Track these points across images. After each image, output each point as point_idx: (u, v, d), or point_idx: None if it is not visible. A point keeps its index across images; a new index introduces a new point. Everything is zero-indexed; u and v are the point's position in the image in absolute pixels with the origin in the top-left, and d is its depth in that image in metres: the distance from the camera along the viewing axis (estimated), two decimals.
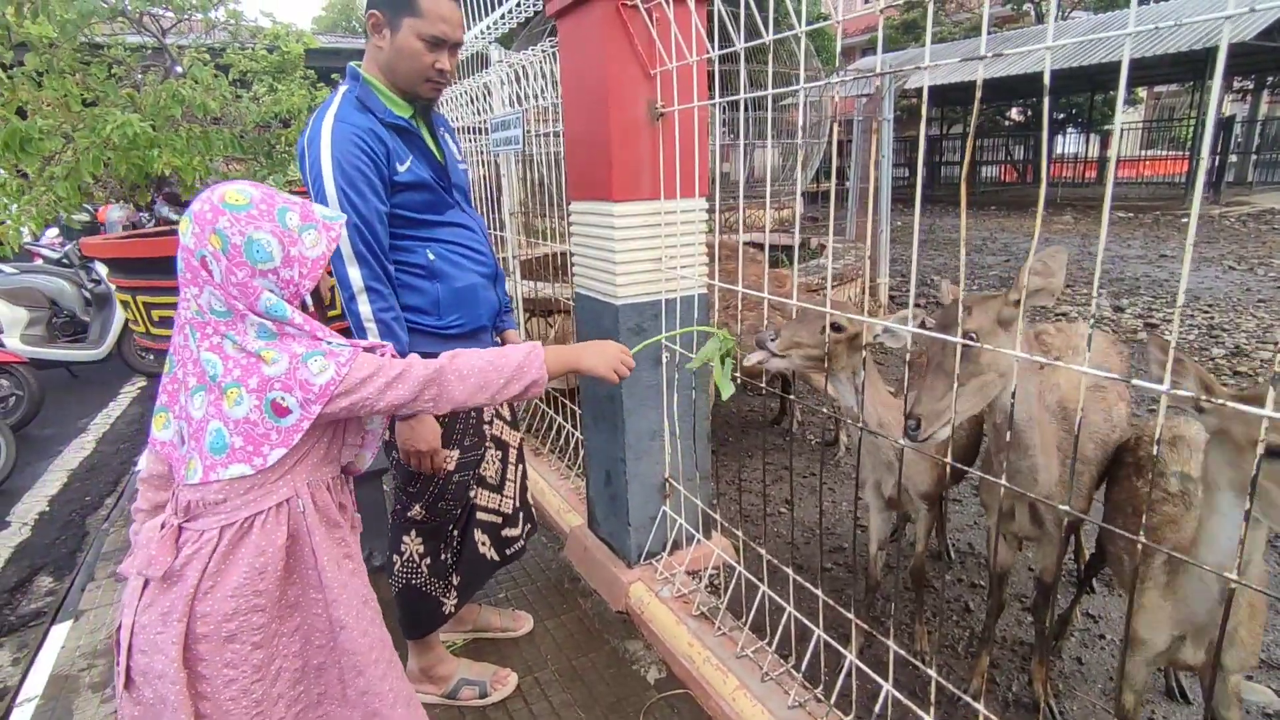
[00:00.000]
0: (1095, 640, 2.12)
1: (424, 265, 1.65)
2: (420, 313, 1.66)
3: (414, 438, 1.63)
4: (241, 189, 1.09)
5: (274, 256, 1.06)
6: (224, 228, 1.04)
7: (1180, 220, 11.62)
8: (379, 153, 1.53)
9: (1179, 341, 4.91)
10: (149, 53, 2.42)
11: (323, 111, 1.52)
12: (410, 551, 1.81)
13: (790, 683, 1.80)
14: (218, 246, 1.03)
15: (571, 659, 2.12)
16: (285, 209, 1.09)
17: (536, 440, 3.41)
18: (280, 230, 1.07)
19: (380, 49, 1.58)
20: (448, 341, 1.68)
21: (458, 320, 1.70)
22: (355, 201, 1.49)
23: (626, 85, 2.01)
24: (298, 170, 1.56)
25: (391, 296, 1.57)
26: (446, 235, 1.69)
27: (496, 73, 3.38)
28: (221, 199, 1.06)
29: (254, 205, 1.06)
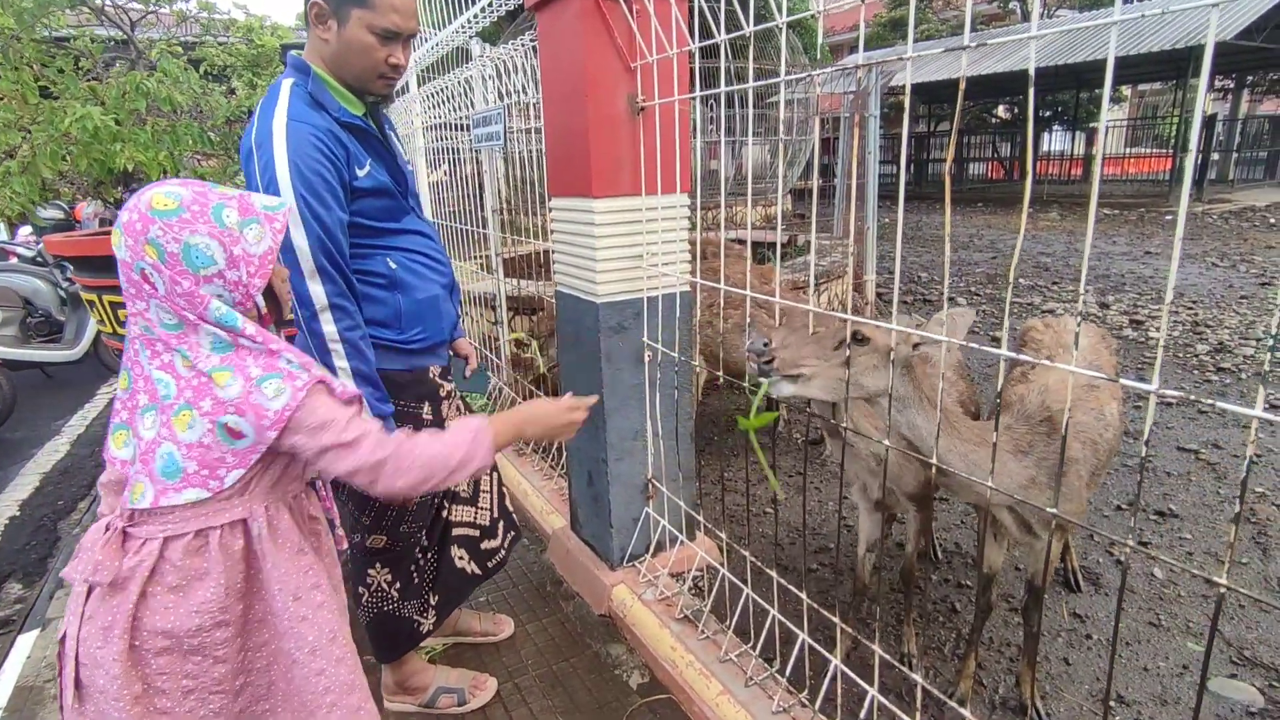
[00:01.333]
0: (1082, 641, 2.10)
1: (384, 274, 1.55)
2: (381, 326, 1.55)
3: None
4: (169, 191, 1.02)
5: (216, 260, 0.99)
6: (157, 236, 0.96)
7: (1164, 217, 11.71)
8: (339, 156, 1.42)
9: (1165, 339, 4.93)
10: (115, 45, 2.35)
11: (270, 107, 1.39)
12: (377, 582, 1.73)
13: (775, 687, 1.76)
14: (154, 257, 0.97)
15: (552, 664, 2.08)
16: (221, 206, 1.02)
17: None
18: (219, 230, 1.00)
19: (325, 42, 1.44)
20: (409, 356, 1.61)
21: (420, 334, 1.61)
22: (318, 210, 1.37)
23: (606, 79, 1.97)
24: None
25: (357, 313, 1.46)
26: (406, 243, 1.60)
27: (478, 68, 3.33)
28: (149, 205, 0.99)
29: (185, 208, 0.99)
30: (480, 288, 4.04)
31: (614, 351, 2.13)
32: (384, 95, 1.55)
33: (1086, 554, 2.54)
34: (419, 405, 1.65)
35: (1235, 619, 2.16)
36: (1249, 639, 2.07)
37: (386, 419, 1.49)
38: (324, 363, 1.41)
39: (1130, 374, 4.43)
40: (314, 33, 1.46)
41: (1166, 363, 4.62)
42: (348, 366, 1.43)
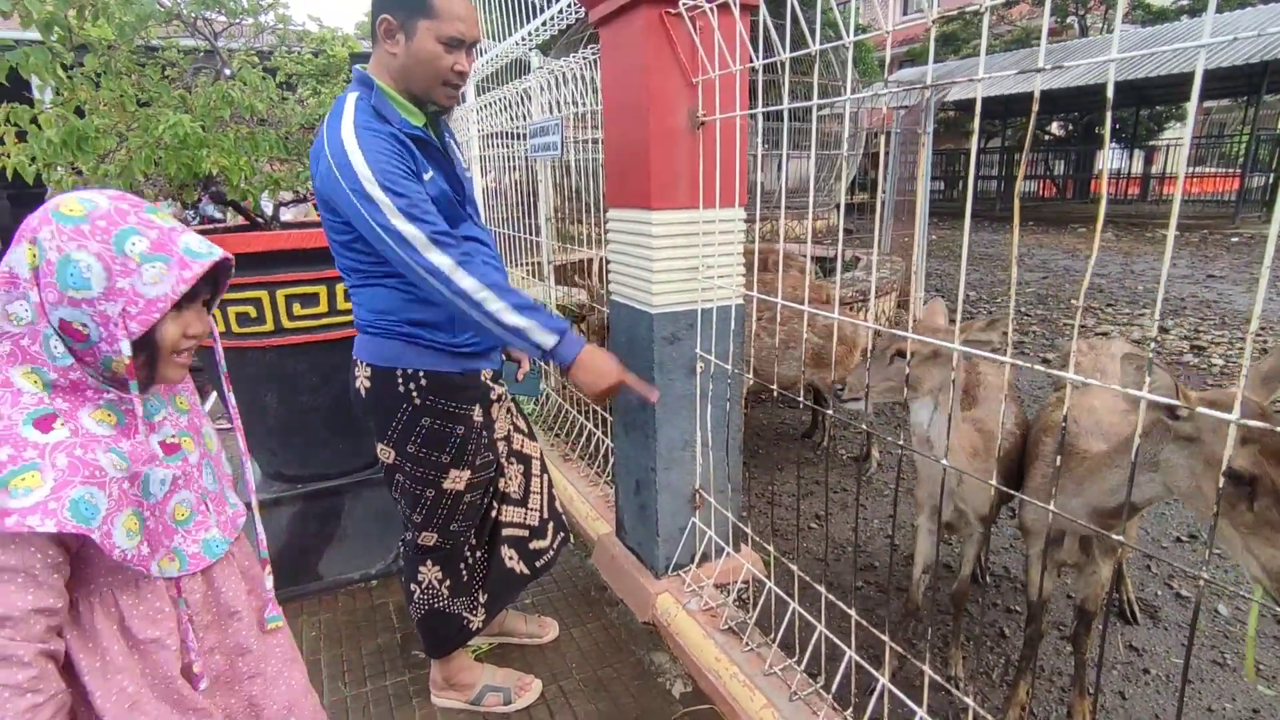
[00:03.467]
0: (1139, 675, 2.04)
1: None
2: (434, 329, 1.59)
3: (596, 379, 1.51)
4: (87, 198, 0.91)
5: (91, 284, 0.88)
6: (43, 239, 0.88)
7: (1230, 239, 11.28)
8: (407, 160, 1.47)
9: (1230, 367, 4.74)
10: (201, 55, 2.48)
11: (336, 120, 1.43)
12: (429, 579, 1.78)
13: (819, 703, 1.76)
14: (27, 261, 0.88)
15: (596, 669, 2.10)
16: (131, 231, 0.91)
17: (566, 446, 3.41)
18: (110, 254, 0.89)
19: (394, 55, 1.50)
20: (462, 359, 1.65)
21: (472, 337, 1.64)
22: (405, 191, 1.40)
23: (668, 93, 2.00)
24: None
25: (484, 266, 1.46)
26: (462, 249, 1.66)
27: (536, 79, 3.41)
28: (56, 206, 0.90)
29: (89, 219, 0.89)
30: (531, 294, 4.11)
31: (666, 361, 2.16)
32: (448, 104, 1.59)
33: (1144, 586, 2.47)
34: (470, 408, 1.69)
35: None
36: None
37: (566, 332, 1.49)
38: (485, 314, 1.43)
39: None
40: (382, 48, 1.52)
41: None
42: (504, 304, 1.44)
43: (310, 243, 2.12)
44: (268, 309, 2.13)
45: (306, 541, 2.45)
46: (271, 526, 2.38)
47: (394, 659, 2.15)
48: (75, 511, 0.88)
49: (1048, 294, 7.68)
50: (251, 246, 2.06)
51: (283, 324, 2.16)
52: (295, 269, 2.13)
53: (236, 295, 2.11)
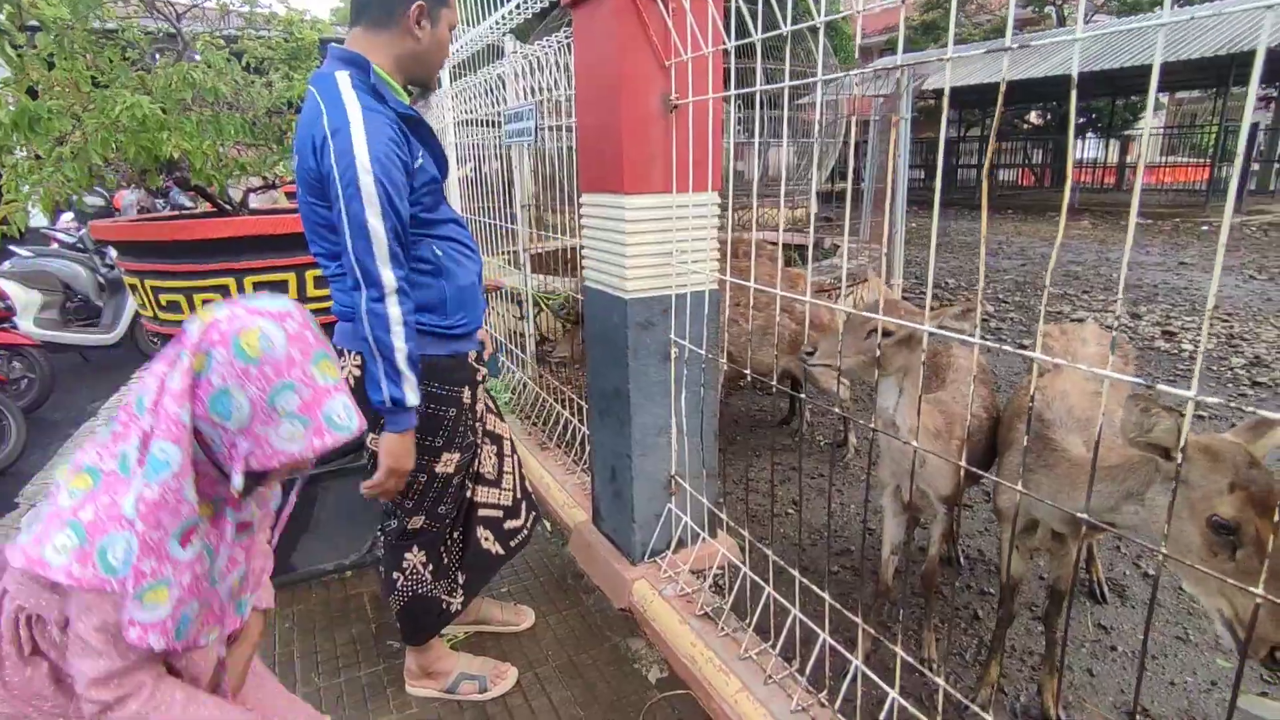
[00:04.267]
0: (1107, 652, 2.07)
1: (431, 261, 1.57)
2: (427, 311, 1.58)
3: (406, 455, 1.53)
4: (268, 336, 0.93)
5: (234, 420, 0.93)
6: (216, 360, 0.91)
7: (1200, 228, 11.46)
8: (404, 146, 1.46)
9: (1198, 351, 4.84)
10: (161, 36, 2.41)
11: (335, 96, 1.40)
12: (414, 564, 1.77)
13: (794, 687, 1.77)
14: (195, 368, 0.92)
15: (572, 655, 2.10)
16: (289, 387, 0.94)
17: (543, 434, 3.39)
18: (262, 402, 0.93)
19: (418, 40, 1.51)
20: (452, 341, 1.64)
21: (462, 320, 1.64)
22: (395, 200, 1.40)
23: (640, 76, 1.98)
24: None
25: (410, 300, 1.48)
26: (446, 232, 1.63)
27: (511, 64, 3.37)
28: (238, 333, 0.92)
29: (260, 364, 0.92)
30: (507, 283, 4.08)
31: (640, 348, 2.15)
32: (435, 86, 1.64)
33: (1112, 566, 2.51)
34: (460, 389, 1.68)
35: None
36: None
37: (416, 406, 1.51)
38: (379, 340, 1.43)
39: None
40: (405, 32, 1.51)
41: (1202, 376, 4.53)
42: (405, 349, 1.45)
43: (278, 228, 2.08)
44: (235, 296, 2.08)
45: (280, 533, 2.41)
46: None
47: (368, 649, 2.13)
48: (180, 630, 0.95)
49: (1026, 281, 7.76)
50: (218, 233, 2.02)
51: None
52: (263, 255, 2.09)
53: (203, 283, 2.06)
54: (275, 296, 1.02)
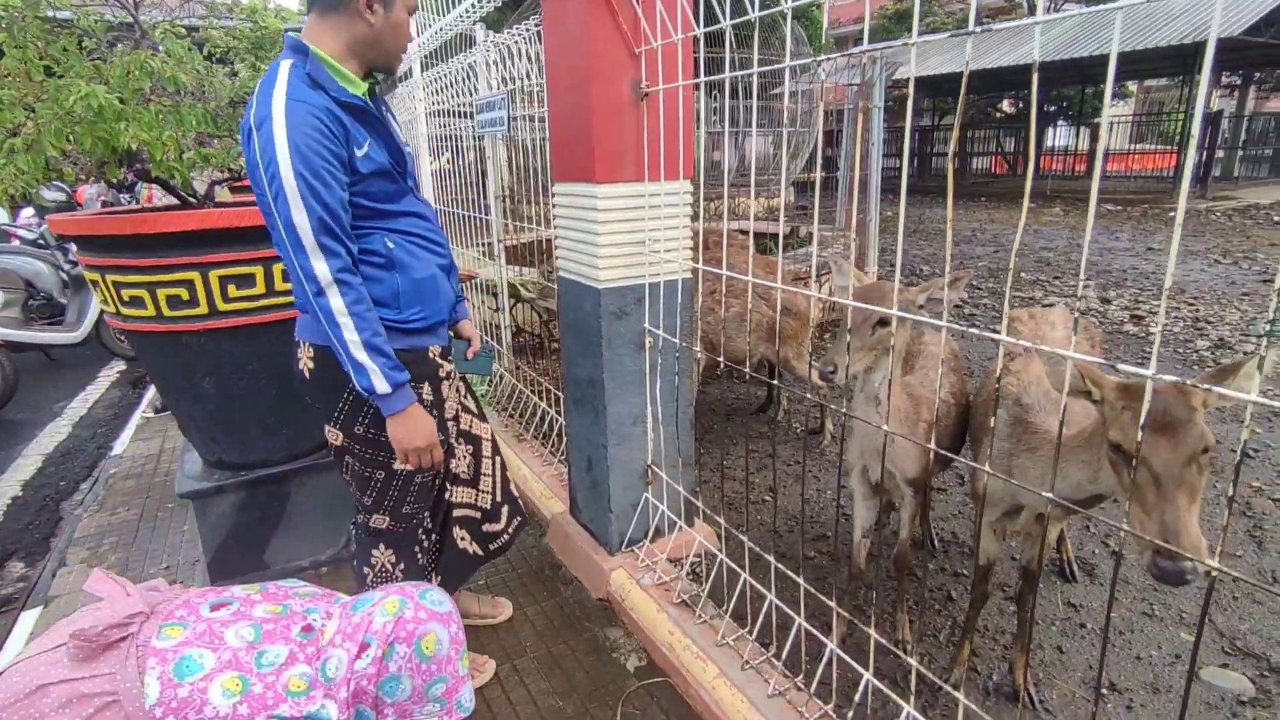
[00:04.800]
0: (1076, 629, 2.12)
1: (382, 254, 1.55)
2: (379, 305, 1.55)
3: (410, 435, 1.54)
4: (441, 640, 1.16)
5: (395, 698, 1.12)
6: (399, 654, 1.12)
7: (1168, 213, 11.68)
8: (339, 134, 1.43)
9: (1167, 335, 4.91)
10: (119, 25, 2.35)
11: (268, 88, 1.39)
12: (381, 562, 1.75)
13: (770, 671, 1.78)
14: (377, 653, 1.10)
15: (550, 646, 2.10)
16: (443, 680, 1.17)
17: (520, 426, 3.38)
18: (421, 689, 1.15)
19: (370, 26, 1.48)
20: (408, 336, 1.61)
21: (418, 314, 1.61)
22: (318, 190, 1.38)
23: (610, 64, 1.97)
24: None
25: (362, 288, 1.47)
26: (404, 225, 1.60)
27: (482, 54, 3.33)
28: (421, 637, 1.14)
29: (432, 661, 1.15)
30: (483, 274, 4.05)
31: (615, 337, 2.14)
32: (398, 69, 1.58)
33: (1082, 545, 2.56)
34: (419, 385, 1.66)
35: (1228, 610, 2.17)
36: (1241, 630, 2.09)
37: (403, 385, 1.51)
38: (332, 334, 1.43)
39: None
40: (355, 17, 1.48)
41: (1167, 358, 4.62)
42: (358, 339, 1.44)
43: (244, 221, 2.04)
44: (200, 291, 2.05)
45: (252, 530, 2.38)
46: (214, 516, 2.32)
47: None
48: None
49: (999, 268, 7.86)
50: (181, 226, 1.98)
51: (217, 306, 2.08)
52: (229, 249, 2.05)
53: (167, 277, 2.02)
54: (439, 592, 1.25)
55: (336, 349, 1.45)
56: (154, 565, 2.56)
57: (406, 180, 1.66)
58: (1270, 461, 3.13)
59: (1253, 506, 2.76)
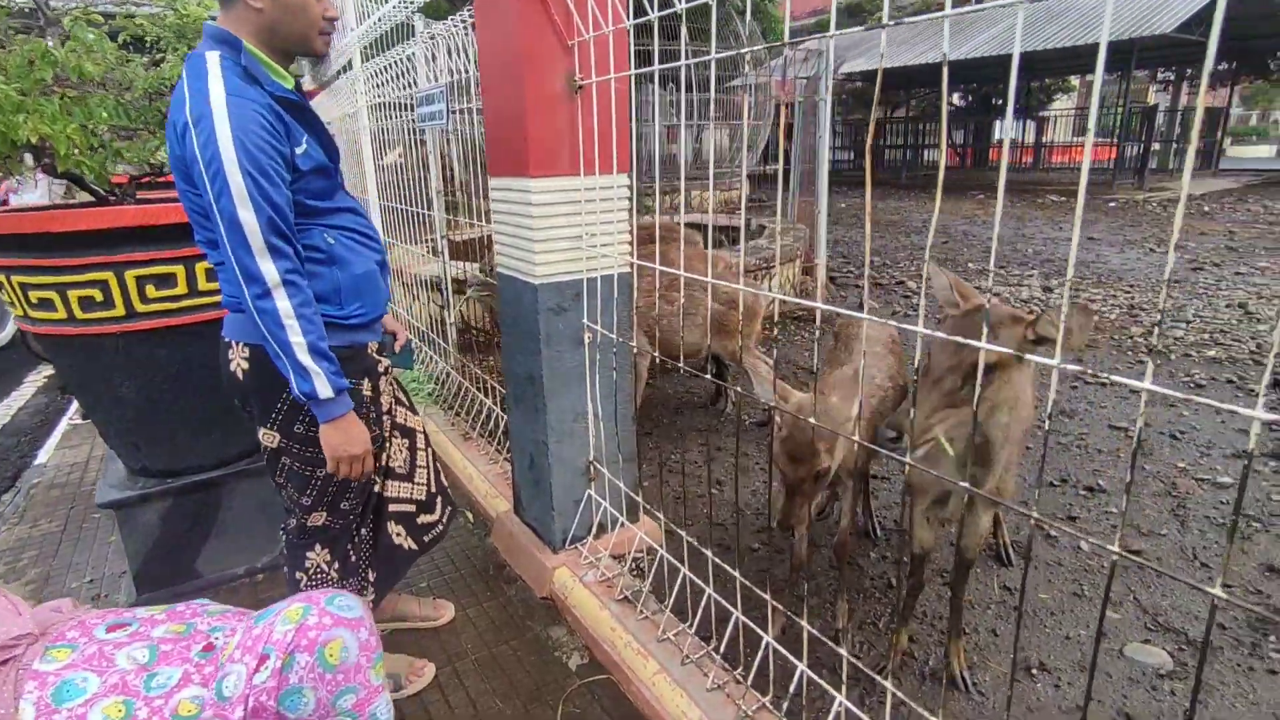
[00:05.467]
0: (1010, 613, 2.17)
1: (323, 250, 1.51)
2: (322, 301, 1.51)
3: (347, 442, 1.50)
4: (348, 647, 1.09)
5: (298, 713, 1.06)
6: (299, 664, 1.05)
7: (1107, 204, 12.07)
8: (281, 132, 1.38)
9: (1102, 321, 5.05)
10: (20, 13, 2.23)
11: (200, 82, 1.32)
12: (317, 563, 1.71)
13: (710, 665, 1.78)
14: (276, 664, 1.04)
15: (492, 647, 2.07)
16: (352, 690, 1.10)
17: (467, 424, 3.33)
18: (327, 702, 1.08)
19: (259, 11, 1.40)
20: (348, 332, 1.57)
21: (359, 309, 1.58)
22: (266, 189, 1.32)
23: (542, 56, 1.93)
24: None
25: (309, 289, 1.41)
26: (341, 220, 1.56)
27: (421, 44, 3.25)
28: (324, 644, 1.07)
29: (337, 671, 1.08)
30: (429, 271, 3.97)
31: (553, 333, 2.12)
32: (325, 51, 1.52)
33: (1020, 529, 2.62)
34: (360, 381, 1.62)
35: (1152, 588, 2.25)
36: (1163, 606, 2.17)
37: (344, 392, 1.47)
38: (275, 336, 1.37)
39: (1068, 353, 4.56)
40: (243, 6, 1.41)
41: (1102, 344, 4.78)
42: (304, 341, 1.38)
43: (162, 218, 1.96)
44: (116, 292, 1.96)
45: (182, 539, 2.30)
46: (140, 525, 2.23)
47: None
48: None
49: (945, 258, 8.02)
50: (92, 224, 1.88)
51: (135, 308, 1.99)
52: (146, 247, 1.96)
53: (78, 278, 1.92)
54: (349, 597, 1.18)
55: (277, 352, 1.39)
56: (77, 579, 2.45)
57: (337, 176, 1.62)
58: (1195, 443, 3.26)
59: (1177, 486, 2.87)
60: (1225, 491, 2.83)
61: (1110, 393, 3.94)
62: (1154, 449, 3.21)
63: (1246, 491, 2.73)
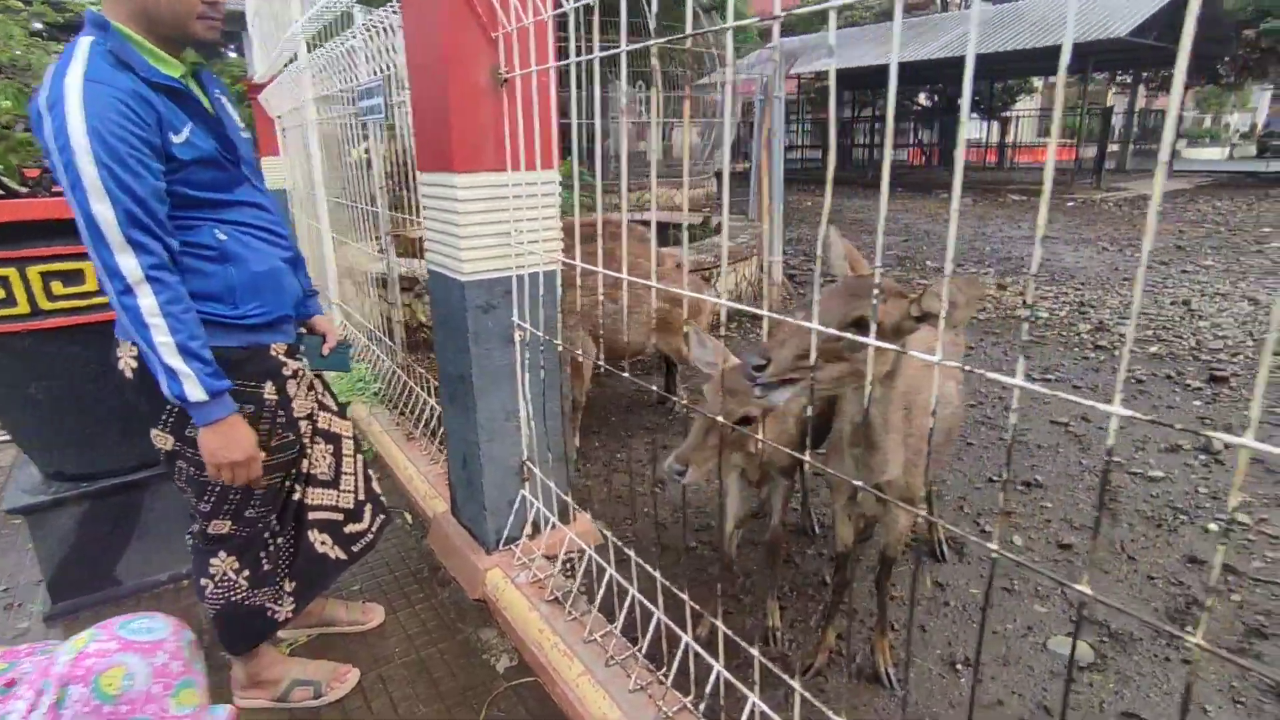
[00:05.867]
0: (940, 608, 2.19)
1: (213, 247, 1.45)
2: (211, 300, 1.45)
3: (226, 447, 1.44)
4: (133, 674, 0.98)
5: None
6: (72, 697, 0.94)
7: (1066, 203, 12.31)
8: (148, 119, 1.31)
9: (1052, 319, 5.14)
10: None
11: (63, 68, 1.26)
12: (223, 571, 1.65)
13: (634, 666, 1.77)
14: (50, 699, 0.94)
15: (420, 651, 2.04)
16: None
17: (410, 424, 3.27)
18: None
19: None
20: (245, 333, 1.52)
21: (257, 309, 1.52)
22: (124, 179, 1.26)
23: (466, 49, 1.90)
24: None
25: (179, 286, 1.35)
26: (237, 215, 1.50)
27: (361, 36, 3.18)
28: (101, 673, 0.97)
29: (118, 702, 0.97)
30: (378, 268, 3.90)
31: (482, 331, 2.08)
32: (209, 38, 1.44)
33: (955, 524, 2.65)
34: (260, 384, 1.57)
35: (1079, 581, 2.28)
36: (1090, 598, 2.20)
37: (222, 394, 1.42)
38: (140, 335, 1.33)
39: (1017, 350, 4.63)
40: None
41: (1050, 341, 4.86)
42: (171, 341, 1.33)
43: (68, 212, 1.88)
44: (18, 289, 1.88)
45: (100, 545, 2.22)
46: (54, 532, 2.15)
47: None
48: None
49: (906, 256, 8.11)
50: None
51: (40, 305, 1.92)
52: (50, 242, 1.89)
53: None
54: (154, 619, 1.08)
55: (145, 352, 1.35)
56: None
57: (241, 168, 1.56)
58: (1130, 436, 3.33)
59: (1110, 480, 2.92)
60: (1157, 484, 2.89)
61: (1054, 389, 4.00)
62: (1091, 443, 3.27)
63: (1176, 485, 2.78)
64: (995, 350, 4.70)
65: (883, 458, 1.47)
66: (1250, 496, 2.77)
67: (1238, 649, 1.99)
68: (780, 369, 1.19)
